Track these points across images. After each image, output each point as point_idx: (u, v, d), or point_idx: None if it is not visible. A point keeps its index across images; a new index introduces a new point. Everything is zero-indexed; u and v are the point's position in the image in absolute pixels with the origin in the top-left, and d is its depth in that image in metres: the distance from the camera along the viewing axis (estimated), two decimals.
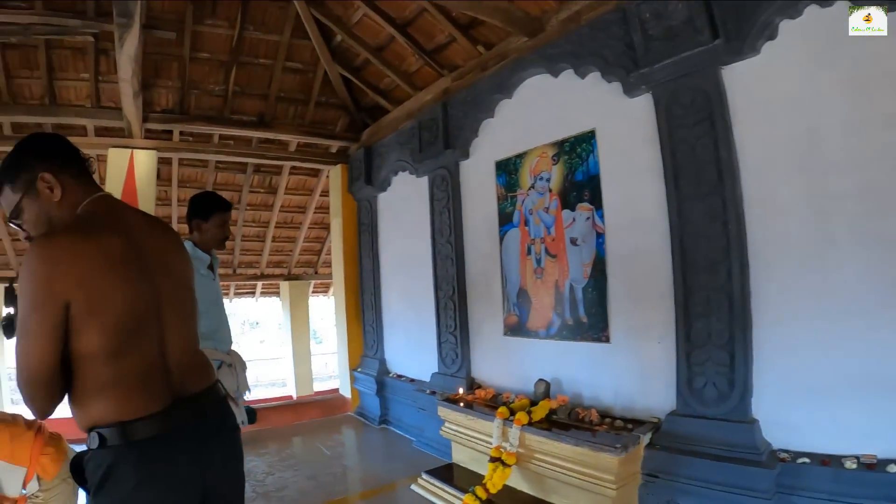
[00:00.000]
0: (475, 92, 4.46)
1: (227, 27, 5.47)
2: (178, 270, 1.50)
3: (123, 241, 1.34)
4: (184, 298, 1.49)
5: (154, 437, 1.28)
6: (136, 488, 1.26)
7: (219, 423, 1.48)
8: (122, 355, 1.28)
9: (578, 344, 3.52)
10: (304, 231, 9.09)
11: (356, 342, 6.58)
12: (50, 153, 1.42)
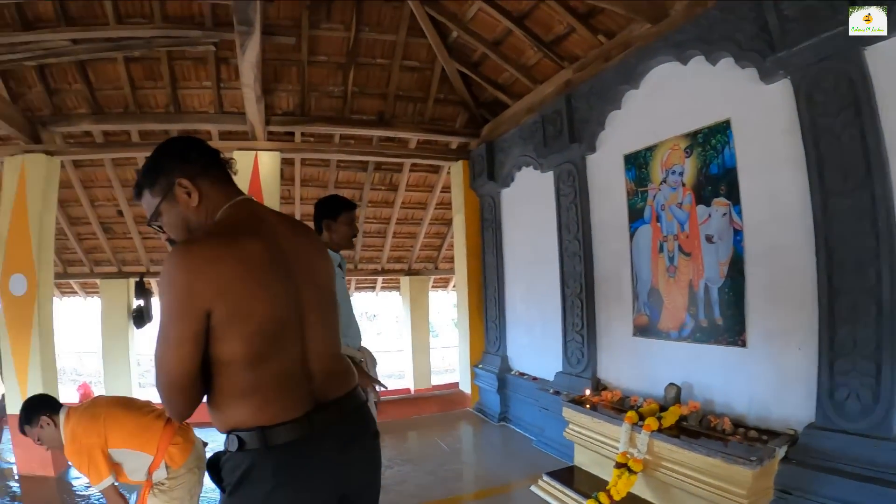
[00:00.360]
0: (600, 83, 4.56)
1: (342, 30, 5.97)
2: (321, 274, 1.55)
3: (264, 246, 1.38)
4: (327, 303, 1.55)
5: (293, 442, 1.34)
6: (272, 492, 1.32)
7: (359, 429, 1.52)
8: (264, 361, 1.34)
9: (712, 347, 3.55)
10: (425, 227, 9.58)
11: (478, 338, 6.95)
12: (187, 158, 1.49)
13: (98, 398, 2.82)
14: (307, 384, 1.42)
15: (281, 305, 1.38)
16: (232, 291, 1.30)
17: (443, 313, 23.28)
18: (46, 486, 5.05)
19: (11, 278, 5.60)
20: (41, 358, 5.56)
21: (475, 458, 5.40)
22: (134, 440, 2.57)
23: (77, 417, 2.60)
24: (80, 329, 16.00)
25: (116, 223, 8.56)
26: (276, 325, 1.36)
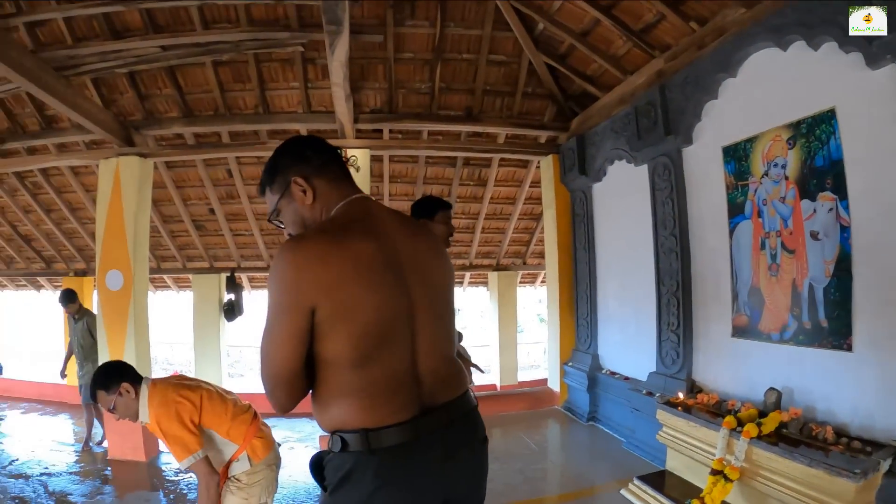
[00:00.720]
0: (694, 72, 4.46)
1: (427, 26, 6.11)
2: (436, 276, 1.52)
3: (375, 246, 1.38)
4: (440, 305, 1.52)
5: (396, 446, 1.34)
6: (372, 495, 1.33)
7: (466, 435, 1.50)
8: (369, 363, 1.34)
9: (815, 351, 3.43)
10: (514, 222, 9.65)
11: (568, 335, 6.95)
12: (303, 157, 1.53)
13: (184, 377, 2.87)
14: (415, 387, 1.41)
15: (389, 307, 1.36)
16: (337, 290, 1.30)
17: (528, 309, 23.27)
18: (137, 470, 5.51)
19: (108, 274, 6.17)
20: (136, 349, 6.09)
21: (563, 458, 5.43)
22: (224, 425, 2.62)
23: (170, 386, 2.63)
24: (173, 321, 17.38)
25: (208, 221, 9.27)
26: (382, 327, 1.35)
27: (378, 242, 1.40)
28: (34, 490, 5.01)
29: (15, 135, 7.22)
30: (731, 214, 4.27)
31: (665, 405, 4.23)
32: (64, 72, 5.53)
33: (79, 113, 5.43)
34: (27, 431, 7.25)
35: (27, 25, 5.52)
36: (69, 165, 7.97)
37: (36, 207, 9.33)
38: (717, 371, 4.42)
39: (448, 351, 1.54)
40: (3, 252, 11.01)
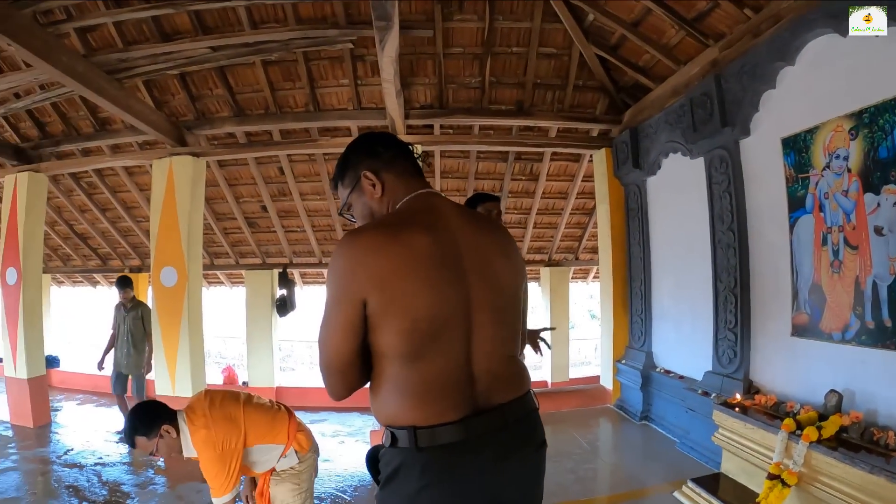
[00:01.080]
0: (751, 61, 4.37)
1: (476, 20, 6.15)
2: (501, 275, 1.51)
3: (432, 241, 1.39)
4: (503, 304, 1.51)
5: (444, 446, 1.36)
6: (420, 492, 1.35)
7: (522, 438, 1.49)
8: (419, 359, 1.36)
9: (879, 352, 3.33)
10: (566, 217, 9.63)
11: (622, 333, 6.92)
12: (373, 151, 1.58)
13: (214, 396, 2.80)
14: (468, 387, 1.41)
15: (442, 303, 1.37)
16: (389, 283, 1.32)
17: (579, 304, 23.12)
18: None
19: (163, 271, 6.51)
20: (190, 344, 6.39)
21: (615, 458, 5.43)
22: (268, 435, 2.73)
23: (211, 421, 2.63)
24: (226, 316, 17.99)
25: (260, 218, 9.60)
26: (434, 323, 1.36)
27: (436, 237, 1.41)
28: (88, 479, 5.30)
29: (69, 137, 7.66)
30: (791, 209, 4.17)
31: (722, 406, 4.19)
32: (116, 75, 5.83)
33: (132, 115, 5.74)
34: (82, 422, 7.66)
35: (78, 31, 5.84)
36: (123, 166, 8.39)
37: (91, 207, 9.87)
38: (775, 371, 4.34)
39: (509, 351, 1.54)
40: (60, 250, 11.67)
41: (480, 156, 8.37)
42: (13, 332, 7.36)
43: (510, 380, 1.50)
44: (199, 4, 5.48)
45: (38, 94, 6.67)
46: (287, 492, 2.81)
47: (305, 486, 2.86)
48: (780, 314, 4.28)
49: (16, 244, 7.36)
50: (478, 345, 1.43)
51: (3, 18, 3.97)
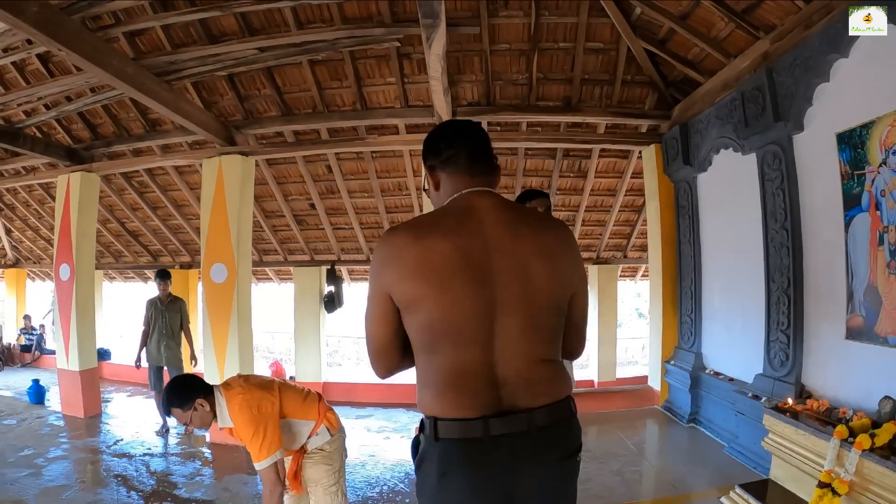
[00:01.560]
0: (803, 53, 4.31)
1: (522, 16, 6.20)
2: (538, 277, 1.52)
3: (454, 244, 1.47)
4: (539, 307, 1.53)
5: (460, 440, 1.45)
6: (438, 481, 1.48)
7: (546, 445, 1.50)
8: (434, 354, 1.49)
9: None
10: (614, 214, 9.61)
11: (670, 333, 6.91)
12: (435, 148, 1.70)
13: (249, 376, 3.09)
14: (490, 388, 1.47)
15: (456, 304, 1.45)
16: (406, 282, 1.47)
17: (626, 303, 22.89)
18: (237, 454, 5.94)
19: (213, 267, 6.75)
20: (239, 338, 6.62)
21: (662, 460, 5.44)
22: (300, 410, 2.98)
23: (246, 388, 2.86)
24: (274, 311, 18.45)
25: (309, 215, 9.90)
26: (447, 322, 1.45)
27: (459, 242, 1.49)
28: (136, 469, 5.57)
29: (121, 138, 8.05)
30: (846, 206, 4.10)
31: (773, 410, 4.14)
32: (165, 77, 6.08)
33: (182, 116, 5.98)
34: (132, 414, 8.04)
35: (127, 35, 6.13)
36: (173, 165, 8.75)
37: (142, 205, 10.34)
38: (827, 375, 4.29)
39: (542, 354, 1.55)
40: (112, 247, 12.24)
41: (528, 153, 8.41)
42: (66, 326, 7.78)
43: (541, 384, 1.52)
44: (245, 6, 5.68)
45: (88, 97, 7.03)
46: (322, 473, 3.03)
47: (338, 466, 3.08)
48: (834, 316, 4.22)
49: (69, 242, 7.78)
50: (504, 346, 1.48)
51: (54, 25, 4.18)
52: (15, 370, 11.91)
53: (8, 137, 7.32)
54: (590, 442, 5.71)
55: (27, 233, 12.94)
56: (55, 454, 6.01)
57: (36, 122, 7.71)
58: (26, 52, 6.29)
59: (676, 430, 6.06)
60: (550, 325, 1.57)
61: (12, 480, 5.15)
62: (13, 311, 14.30)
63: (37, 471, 5.44)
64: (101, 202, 9.40)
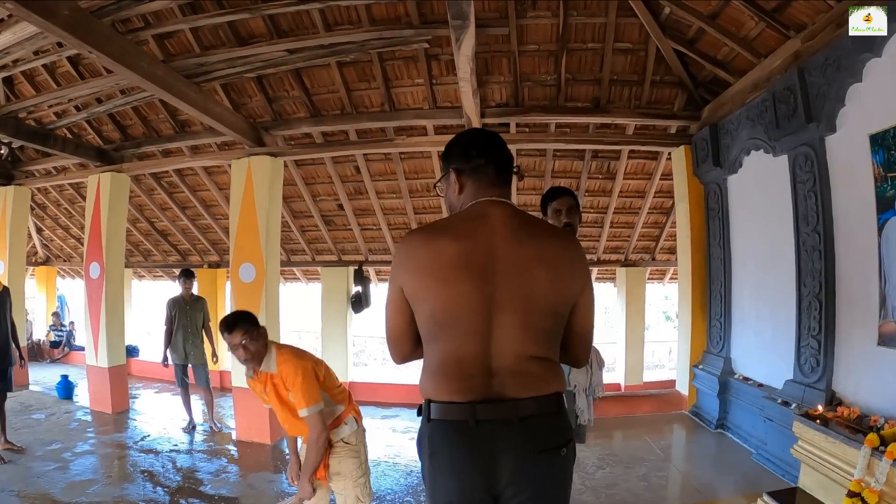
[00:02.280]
0: (835, 53, 4.27)
1: (550, 17, 6.22)
2: (537, 283, 1.65)
3: (460, 247, 1.65)
4: (533, 309, 1.65)
5: (449, 422, 1.64)
6: (429, 462, 1.70)
7: (527, 436, 1.62)
8: (437, 342, 1.69)
9: None
10: (643, 216, 9.56)
11: (699, 337, 6.87)
12: (466, 155, 1.82)
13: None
14: (483, 377, 1.63)
15: (457, 298, 1.63)
16: (415, 279, 1.68)
17: (654, 306, 22.75)
18: (262, 452, 6.11)
19: (241, 267, 6.89)
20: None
21: (688, 466, 5.42)
22: (335, 391, 3.19)
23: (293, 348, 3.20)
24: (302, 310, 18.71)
25: (337, 216, 10.03)
26: (447, 314, 1.65)
27: (466, 244, 1.67)
28: (163, 465, 5.71)
29: (150, 139, 8.26)
30: (879, 210, 4.05)
31: (803, 417, 4.09)
32: (194, 79, 6.23)
33: (210, 117, 6.12)
34: (159, 410, 8.24)
35: (156, 38, 6.30)
36: (202, 166, 8.94)
37: (172, 205, 10.56)
38: (859, 382, 4.25)
39: (534, 352, 1.67)
40: (141, 246, 12.52)
41: (557, 154, 8.41)
42: (95, 324, 8.00)
43: (530, 378, 1.66)
44: (273, 9, 5.80)
45: (118, 99, 7.23)
46: (352, 466, 3.16)
47: (363, 458, 3.25)
48: (867, 322, 4.18)
49: (99, 241, 8.00)
50: (499, 340, 1.64)
51: (85, 28, 4.31)
52: (44, 366, 12.20)
53: (39, 138, 7.56)
54: (616, 446, 5.76)
55: (58, 231, 13.27)
56: (82, 449, 6.17)
57: (67, 124, 7.95)
58: (57, 54, 6.49)
59: (704, 435, 6.05)
60: (545, 327, 1.71)
61: (40, 474, 5.30)
62: (43, 307, 14.65)
63: (64, 465, 5.59)
64: (130, 202, 9.60)
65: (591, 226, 9.81)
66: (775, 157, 5.32)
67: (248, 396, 6.66)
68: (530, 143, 7.75)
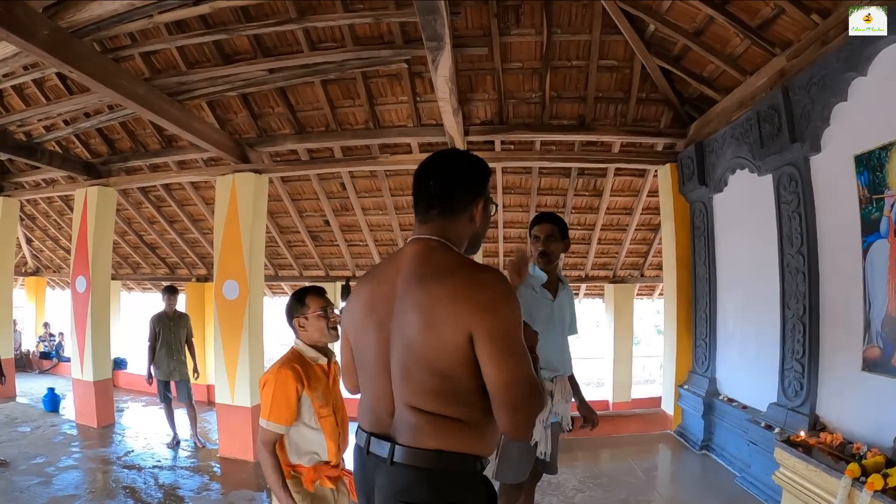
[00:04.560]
0: (819, 71, 4.17)
1: (534, 34, 6.11)
2: (409, 330, 1.55)
3: (371, 291, 1.70)
4: (410, 360, 1.56)
5: (356, 445, 1.76)
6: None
7: (389, 479, 1.58)
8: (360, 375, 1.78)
9: None
10: (631, 233, 9.45)
11: (685, 356, 6.74)
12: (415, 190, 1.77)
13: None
14: (386, 415, 1.63)
15: (362, 341, 1.71)
16: (346, 318, 1.83)
17: (645, 320, 22.76)
18: (245, 469, 6.00)
19: (225, 284, 6.76)
20: (250, 354, 6.62)
21: (671, 489, 5.29)
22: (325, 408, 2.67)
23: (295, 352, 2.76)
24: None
25: (323, 231, 9.92)
26: (359, 355, 1.75)
27: (376, 287, 1.70)
28: (145, 481, 5.59)
29: (137, 153, 8.14)
30: (864, 232, 3.94)
31: (784, 443, 3.97)
32: (178, 97, 6.12)
33: (194, 134, 6.02)
34: (144, 424, 8.12)
35: (142, 55, 6.21)
36: (189, 181, 8.80)
37: (160, 218, 10.45)
38: (842, 407, 4.11)
39: (413, 402, 1.57)
40: (130, 259, 12.43)
41: (543, 171, 8.30)
42: (81, 338, 7.86)
43: (410, 428, 1.58)
44: (254, 30, 5.70)
45: (105, 114, 7.13)
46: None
47: None
48: (851, 346, 4.05)
49: (86, 255, 7.87)
50: (394, 384, 1.61)
51: (65, 47, 4.22)
52: (33, 376, 12.12)
53: (26, 152, 7.44)
54: (598, 468, 5.62)
55: (47, 242, 13.16)
56: (66, 463, 6.08)
57: (55, 137, 7.83)
58: (43, 70, 6.39)
59: (688, 456, 5.93)
60: (421, 381, 1.55)
61: (23, 488, 5.22)
62: (32, 318, 14.49)
63: (47, 479, 5.51)
64: (118, 215, 9.55)
65: (578, 243, 9.71)
66: (760, 177, 5.21)
67: (232, 412, 6.59)
68: (515, 160, 7.65)
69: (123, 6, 4.43)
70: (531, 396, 1.50)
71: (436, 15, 3.83)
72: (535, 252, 3.35)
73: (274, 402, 2.56)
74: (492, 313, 1.48)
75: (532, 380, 1.51)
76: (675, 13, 5.40)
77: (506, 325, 1.49)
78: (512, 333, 1.50)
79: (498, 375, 1.48)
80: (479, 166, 1.78)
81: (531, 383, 1.50)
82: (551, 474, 3.53)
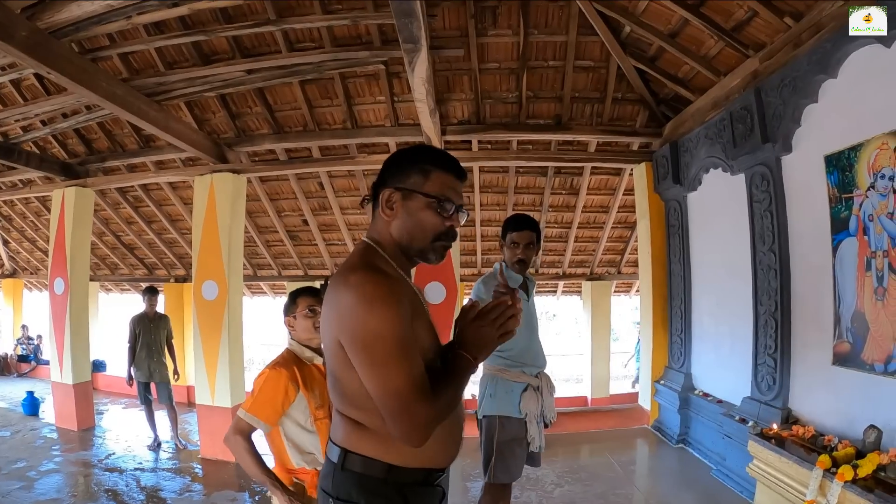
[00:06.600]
0: (791, 73, 4.21)
1: (511, 35, 6.11)
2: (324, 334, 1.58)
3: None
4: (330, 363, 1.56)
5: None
6: None
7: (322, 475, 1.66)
8: None
9: None
10: (607, 231, 9.49)
11: (661, 352, 6.80)
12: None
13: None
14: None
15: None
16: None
17: (624, 317, 22.94)
18: (226, 470, 5.93)
19: (204, 285, 6.68)
20: (230, 355, 6.55)
21: (649, 482, 5.32)
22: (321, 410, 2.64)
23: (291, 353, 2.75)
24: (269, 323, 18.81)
25: (302, 231, 9.83)
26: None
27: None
28: (127, 484, 5.52)
29: (115, 153, 7.99)
30: (834, 230, 4.00)
31: (757, 437, 4.03)
32: (156, 97, 6.04)
33: (171, 134, 5.94)
34: (125, 427, 7.98)
35: (121, 56, 6.13)
36: (167, 181, 8.68)
37: (137, 219, 10.26)
38: (814, 401, 4.17)
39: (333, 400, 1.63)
40: (107, 259, 12.18)
41: (520, 170, 8.30)
42: (60, 340, 7.71)
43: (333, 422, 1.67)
44: (232, 31, 5.63)
45: (83, 114, 6.99)
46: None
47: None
48: (822, 341, 4.10)
49: (63, 256, 7.72)
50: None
51: (43, 49, 4.16)
52: (11, 380, 11.87)
53: (3, 153, 7.25)
54: (576, 463, 5.63)
55: (24, 244, 12.85)
56: (47, 467, 5.98)
57: (32, 138, 7.65)
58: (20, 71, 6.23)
59: (665, 450, 5.95)
60: (331, 382, 1.61)
61: (4, 493, 5.14)
62: (10, 320, 14.21)
63: (28, 484, 5.41)
64: (96, 215, 9.35)
65: (555, 240, 9.75)
66: (733, 176, 5.25)
67: (213, 413, 6.50)
68: (492, 160, 7.65)
69: (102, 7, 4.33)
70: (413, 404, 1.39)
71: (412, 18, 3.81)
72: (513, 258, 3.32)
73: (260, 395, 2.54)
74: (350, 320, 1.41)
75: (402, 392, 1.38)
76: (650, 15, 5.43)
77: (364, 333, 1.39)
78: (372, 342, 1.38)
79: (368, 384, 1.43)
80: (411, 153, 1.64)
81: (400, 395, 1.38)
82: (535, 466, 3.54)
